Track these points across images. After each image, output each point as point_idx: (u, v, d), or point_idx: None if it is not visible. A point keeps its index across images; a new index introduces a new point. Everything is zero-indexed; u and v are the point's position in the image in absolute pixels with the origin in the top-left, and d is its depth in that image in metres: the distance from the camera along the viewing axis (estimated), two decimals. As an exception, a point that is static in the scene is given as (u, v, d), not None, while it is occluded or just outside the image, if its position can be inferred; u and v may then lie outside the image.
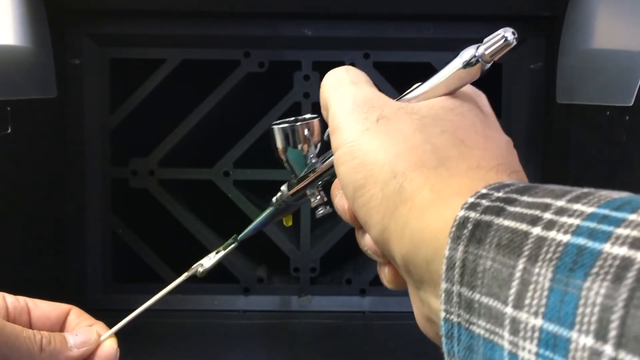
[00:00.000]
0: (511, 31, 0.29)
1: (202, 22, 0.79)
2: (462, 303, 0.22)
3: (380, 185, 0.27)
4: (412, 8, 0.77)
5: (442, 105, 0.30)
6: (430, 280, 0.25)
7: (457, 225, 0.23)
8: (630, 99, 0.58)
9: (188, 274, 0.42)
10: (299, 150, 0.36)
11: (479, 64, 0.30)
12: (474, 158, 0.27)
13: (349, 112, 0.29)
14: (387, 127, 0.28)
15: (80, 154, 0.81)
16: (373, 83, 0.32)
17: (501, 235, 0.21)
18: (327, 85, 0.32)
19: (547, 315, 0.18)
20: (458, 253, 0.22)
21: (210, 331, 0.78)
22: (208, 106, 0.81)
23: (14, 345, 0.35)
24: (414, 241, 0.25)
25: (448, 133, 0.28)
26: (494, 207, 0.22)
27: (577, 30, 0.70)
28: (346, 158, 0.29)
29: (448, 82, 0.30)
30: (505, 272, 0.20)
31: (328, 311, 0.84)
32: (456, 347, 0.23)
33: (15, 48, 0.67)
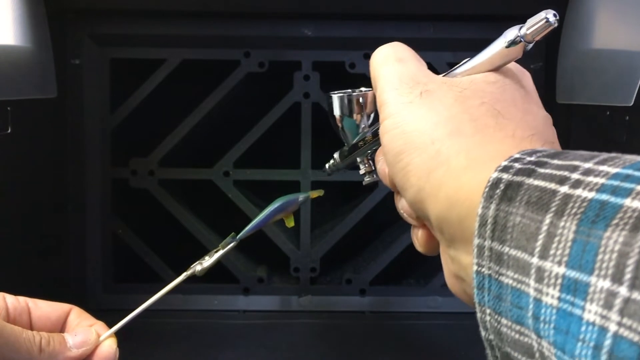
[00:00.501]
0: (553, 13, 0.31)
1: (202, 22, 0.79)
2: (492, 256, 0.24)
3: (418, 151, 0.29)
4: (412, 8, 0.77)
5: (484, 80, 0.32)
6: (462, 237, 0.27)
7: (490, 185, 0.25)
8: (630, 99, 0.58)
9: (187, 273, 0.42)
10: (353, 119, 0.39)
11: (522, 43, 0.31)
12: (509, 128, 0.29)
13: (395, 89, 0.32)
14: (429, 99, 0.31)
15: (80, 154, 0.81)
16: (419, 57, 0.35)
17: (531, 193, 0.23)
18: (375, 62, 0.35)
19: (569, 263, 0.20)
20: (490, 211, 0.24)
21: (210, 331, 0.78)
22: (208, 106, 0.81)
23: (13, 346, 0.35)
24: (449, 201, 0.27)
25: (487, 105, 0.30)
26: (526, 169, 0.24)
27: (577, 30, 0.70)
28: (390, 127, 0.31)
29: (492, 60, 0.32)
30: (533, 227, 0.22)
31: (328, 311, 0.84)
32: (486, 297, 0.25)
33: (15, 48, 0.67)
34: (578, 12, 0.70)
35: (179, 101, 0.84)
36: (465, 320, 0.82)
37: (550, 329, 0.21)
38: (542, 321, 0.21)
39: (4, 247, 0.64)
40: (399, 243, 0.83)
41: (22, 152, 0.68)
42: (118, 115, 0.82)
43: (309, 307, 0.84)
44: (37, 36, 0.71)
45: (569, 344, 0.20)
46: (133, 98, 0.82)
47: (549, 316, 0.21)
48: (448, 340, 0.77)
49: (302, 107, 0.82)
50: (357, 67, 0.81)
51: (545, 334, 0.21)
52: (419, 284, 0.86)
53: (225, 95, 0.81)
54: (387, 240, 0.88)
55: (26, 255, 0.70)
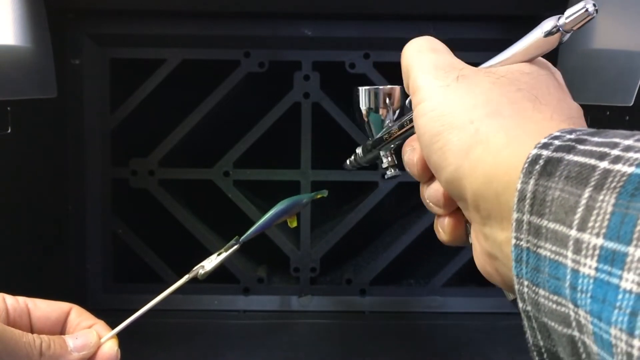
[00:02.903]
0: (592, 2, 0.31)
1: (202, 22, 0.79)
2: (531, 230, 0.24)
3: (456, 131, 0.30)
4: (412, 8, 0.77)
5: (519, 69, 0.32)
6: (498, 213, 0.27)
7: (529, 161, 0.25)
8: (630, 99, 0.58)
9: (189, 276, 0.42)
10: (379, 114, 0.40)
11: (559, 33, 0.32)
12: (547, 112, 0.30)
13: (430, 74, 0.32)
14: (465, 82, 0.31)
15: (80, 154, 0.81)
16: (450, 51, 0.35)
17: (570, 168, 0.23)
18: (409, 52, 0.35)
19: (607, 235, 0.20)
20: (529, 186, 0.24)
21: (210, 331, 0.78)
22: (208, 106, 0.81)
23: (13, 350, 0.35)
24: (487, 176, 0.28)
25: (523, 91, 0.30)
26: (565, 146, 0.24)
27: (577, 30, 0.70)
28: (426, 110, 0.31)
29: (527, 50, 0.33)
30: (572, 200, 0.22)
31: (328, 311, 0.84)
32: (524, 269, 0.25)
33: (15, 48, 0.67)
34: (578, 12, 0.70)
35: (179, 101, 0.84)
36: (465, 321, 0.82)
37: (587, 298, 0.21)
38: (580, 291, 0.21)
39: (3, 247, 0.64)
40: (399, 243, 0.83)
41: (22, 152, 0.68)
42: (118, 115, 0.82)
43: (309, 307, 0.83)
44: (37, 36, 0.70)
45: (605, 312, 0.20)
46: (133, 98, 0.82)
47: (586, 286, 0.21)
48: (448, 340, 0.77)
49: (302, 107, 0.82)
50: (357, 67, 0.81)
51: (582, 303, 0.21)
52: (419, 284, 0.86)
53: (225, 95, 0.81)
54: (387, 240, 0.88)
55: (26, 255, 0.70)
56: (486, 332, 0.79)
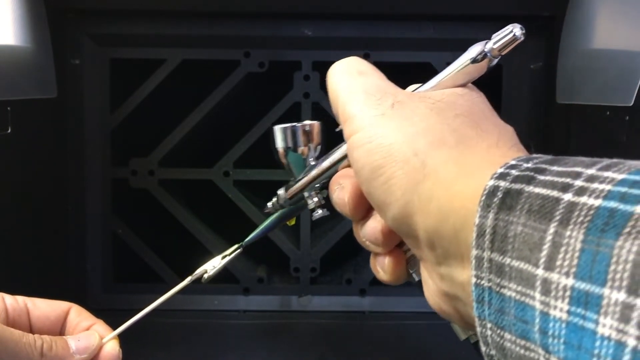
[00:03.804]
0: (519, 27, 0.30)
1: (202, 22, 0.79)
2: (492, 268, 0.23)
3: (400, 164, 0.28)
4: (412, 8, 0.77)
5: (453, 92, 0.31)
6: (457, 250, 0.26)
7: (487, 194, 0.23)
8: (630, 99, 0.58)
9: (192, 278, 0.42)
10: (299, 153, 0.37)
11: (487, 59, 0.31)
12: (492, 138, 0.28)
13: (362, 101, 0.30)
14: (402, 110, 0.29)
15: (80, 154, 0.81)
16: (380, 71, 0.33)
17: (532, 201, 0.22)
18: (334, 76, 0.32)
19: (578, 274, 0.19)
20: (488, 220, 0.23)
21: (210, 331, 0.78)
22: (208, 106, 0.81)
23: (13, 351, 0.35)
24: (442, 212, 0.26)
25: (462, 116, 0.29)
26: (524, 176, 0.23)
27: (577, 30, 0.70)
28: (362, 141, 0.29)
29: (456, 77, 0.31)
30: (537, 236, 0.21)
31: (328, 311, 0.84)
32: (487, 311, 0.23)
33: (15, 48, 0.67)
34: (578, 12, 0.70)
35: (179, 101, 0.84)
36: (465, 320, 0.82)
37: (560, 344, 0.20)
38: (551, 336, 0.20)
39: (3, 247, 0.64)
40: (399, 243, 0.83)
41: (22, 152, 0.68)
42: (118, 115, 0.82)
43: (309, 307, 0.83)
44: (37, 36, 0.70)
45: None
46: (133, 98, 0.82)
47: (558, 330, 0.20)
48: (448, 340, 0.77)
49: (302, 107, 0.82)
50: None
51: (554, 349, 0.20)
52: (419, 284, 0.86)
53: (225, 95, 0.81)
54: (387, 240, 0.88)
55: (26, 255, 0.70)
56: (486, 332, 0.78)
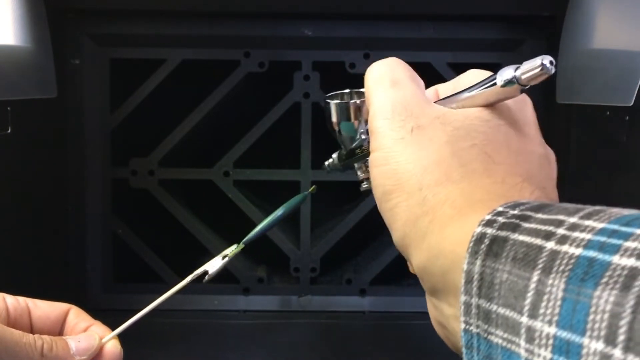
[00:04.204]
0: (549, 59, 0.28)
1: (202, 22, 0.79)
2: (480, 314, 0.23)
3: (406, 195, 0.29)
4: (412, 8, 0.77)
5: (479, 116, 0.31)
6: (444, 289, 0.26)
7: (474, 240, 0.24)
8: (630, 99, 0.58)
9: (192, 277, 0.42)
10: (351, 124, 0.38)
11: (517, 85, 0.30)
12: (499, 173, 0.28)
13: (388, 119, 0.31)
14: (420, 137, 0.30)
15: (80, 154, 0.81)
16: (416, 76, 0.33)
17: (517, 249, 0.22)
18: (369, 82, 0.33)
19: (560, 323, 0.19)
20: (476, 267, 0.23)
21: (210, 331, 0.78)
22: (208, 106, 0.81)
23: (13, 351, 0.35)
24: (432, 252, 0.27)
25: (477, 147, 0.29)
26: (510, 224, 0.23)
27: (577, 30, 0.70)
28: (380, 162, 0.31)
29: (487, 96, 0.31)
30: (521, 284, 0.21)
31: (328, 311, 0.84)
32: (476, 357, 0.24)
33: (15, 48, 0.67)
34: (578, 12, 0.70)
35: (179, 101, 0.84)
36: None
37: None
38: None
39: (4, 247, 0.64)
40: (399, 243, 0.83)
41: (22, 152, 0.68)
42: (118, 115, 0.82)
43: (309, 307, 0.83)
44: (37, 36, 0.70)
45: None
46: (133, 98, 0.82)
47: None
48: (448, 340, 0.77)
49: (302, 107, 0.82)
50: (357, 67, 0.81)
51: None
52: (419, 284, 0.86)
53: (225, 95, 0.81)
54: (387, 240, 0.88)
55: (26, 255, 0.70)
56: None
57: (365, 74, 0.34)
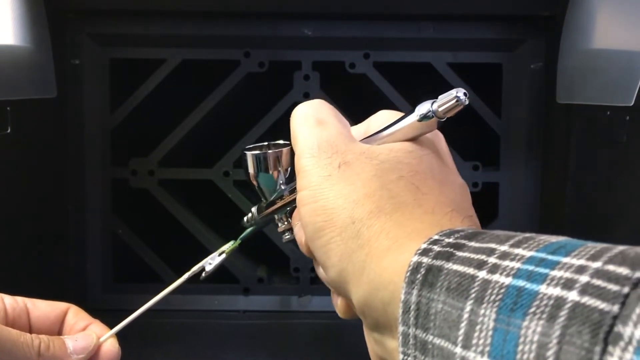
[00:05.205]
0: (463, 92, 0.30)
1: (202, 22, 0.79)
2: (417, 345, 0.23)
3: (338, 230, 0.29)
4: (412, 8, 0.77)
5: (402, 149, 0.31)
6: (386, 322, 0.26)
7: (411, 270, 0.24)
8: (631, 99, 0.58)
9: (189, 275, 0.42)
10: (270, 175, 0.38)
11: (434, 118, 0.31)
12: (429, 203, 0.29)
13: (314, 157, 0.31)
14: (347, 173, 0.30)
15: (80, 154, 0.81)
16: (340, 116, 0.33)
17: (450, 279, 0.22)
18: (295, 122, 0.33)
19: (492, 353, 0.20)
20: (412, 297, 0.24)
21: (210, 331, 0.78)
22: (208, 106, 0.81)
23: (10, 351, 0.35)
24: (372, 285, 0.27)
25: (405, 179, 0.30)
26: (444, 253, 0.24)
27: (577, 30, 0.70)
28: (308, 200, 0.30)
29: (406, 131, 0.32)
30: (455, 314, 0.22)
31: (328, 311, 0.83)
32: None
33: (15, 48, 0.67)
34: (578, 12, 0.70)
35: (179, 101, 0.84)
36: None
37: None
38: None
39: (3, 247, 0.64)
40: (399, 243, 0.83)
41: (22, 152, 0.68)
42: (118, 115, 0.82)
43: (309, 307, 0.83)
44: (37, 36, 0.70)
45: None
46: (133, 98, 0.82)
47: None
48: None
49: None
50: (357, 67, 0.81)
51: None
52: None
53: (225, 95, 0.81)
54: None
55: (26, 255, 0.70)
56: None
57: (291, 115, 0.34)
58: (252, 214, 0.41)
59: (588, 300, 0.18)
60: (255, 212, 0.41)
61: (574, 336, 0.18)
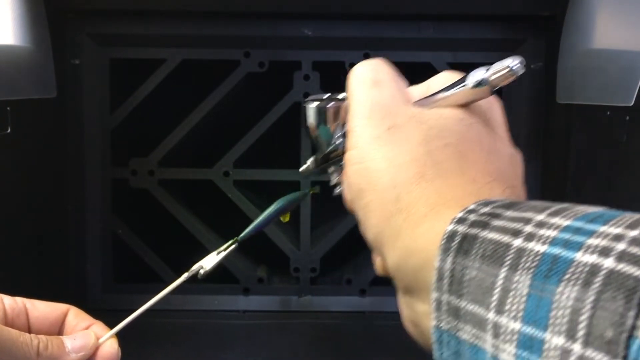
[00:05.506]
0: (519, 60, 0.29)
1: (202, 22, 0.79)
2: (450, 311, 0.24)
3: (379, 193, 0.29)
4: (412, 8, 0.77)
5: (452, 116, 0.31)
6: (417, 287, 0.27)
7: (446, 238, 0.24)
8: (631, 99, 0.58)
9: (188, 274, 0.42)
10: (328, 127, 0.38)
11: (487, 86, 0.30)
12: (471, 172, 0.29)
13: (365, 118, 0.31)
14: (395, 136, 0.30)
15: (80, 154, 0.81)
16: (399, 77, 0.34)
17: (486, 247, 0.23)
18: (352, 81, 0.33)
19: (525, 319, 0.20)
20: (447, 264, 0.24)
21: (210, 331, 0.78)
22: (208, 106, 0.81)
23: (10, 350, 0.35)
24: (405, 250, 0.27)
25: (451, 146, 0.30)
26: (480, 222, 0.24)
27: (577, 30, 0.70)
28: (355, 160, 0.31)
29: (458, 97, 0.31)
30: (489, 281, 0.22)
31: (328, 311, 0.84)
32: (445, 353, 0.24)
33: (15, 48, 0.67)
34: (578, 12, 0.70)
35: (179, 101, 0.84)
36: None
37: None
38: None
39: (3, 247, 0.64)
40: (399, 243, 0.83)
41: (22, 152, 0.68)
42: (118, 115, 0.82)
43: (309, 307, 0.83)
44: (37, 36, 0.70)
45: None
46: (133, 98, 0.82)
47: None
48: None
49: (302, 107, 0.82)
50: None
51: None
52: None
53: (225, 95, 0.81)
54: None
55: (26, 255, 0.70)
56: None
57: (349, 73, 0.34)
58: (308, 164, 0.42)
59: (624, 267, 0.18)
60: (312, 163, 0.41)
61: (608, 301, 0.18)
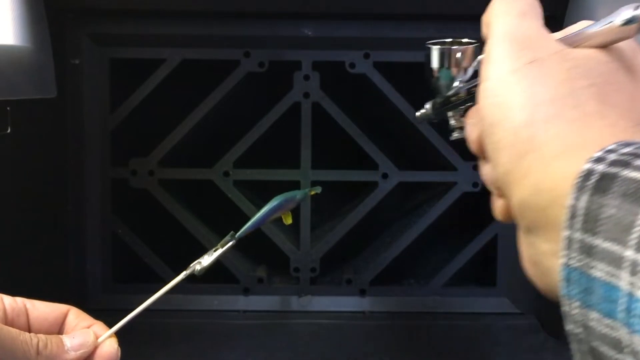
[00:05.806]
0: None
1: (202, 22, 0.79)
2: (583, 249, 0.23)
3: (514, 129, 0.28)
4: (412, 8, 0.77)
5: (597, 57, 0.30)
6: (544, 225, 0.26)
7: (583, 176, 0.24)
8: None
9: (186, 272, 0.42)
10: (450, 71, 0.38)
11: (637, 24, 0.29)
12: (612, 116, 0.28)
13: (506, 47, 0.30)
14: (536, 71, 0.29)
15: (80, 154, 0.81)
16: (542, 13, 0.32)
17: (628, 184, 0.22)
18: (494, 10, 0.32)
19: None
20: (581, 202, 0.24)
21: (210, 331, 0.78)
22: (208, 106, 0.81)
23: (10, 349, 0.35)
24: (534, 188, 0.27)
25: (595, 87, 0.28)
26: (621, 161, 0.23)
27: None
28: (490, 92, 0.29)
29: (605, 36, 0.30)
30: (629, 219, 0.22)
31: (328, 311, 0.84)
32: (575, 290, 0.24)
33: (15, 48, 0.67)
34: (578, 12, 0.70)
35: (179, 101, 0.84)
36: (465, 321, 0.82)
37: None
38: (635, 315, 0.21)
39: (3, 248, 0.64)
40: (399, 243, 0.83)
41: (22, 152, 0.68)
42: (118, 115, 0.82)
43: (309, 307, 0.83)
44: (37, 36, 0.70)
45: None
46: (133, 98, 0.82)
47: None
48: (448, 340, 0.77)
49: (302, 107, 0.82)
50: (357, 67, 0.81)
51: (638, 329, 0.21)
52: (419, 284, 0.86)
53: (225, 95, 0.81)
54: (387, 241, 0.88)
55: (26, 256, 0.70)
56: (486, 332, 0.79)
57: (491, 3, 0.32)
58: (425, 109, 0.41)
59: None
60: (430, 107, 0.41)
61: None
